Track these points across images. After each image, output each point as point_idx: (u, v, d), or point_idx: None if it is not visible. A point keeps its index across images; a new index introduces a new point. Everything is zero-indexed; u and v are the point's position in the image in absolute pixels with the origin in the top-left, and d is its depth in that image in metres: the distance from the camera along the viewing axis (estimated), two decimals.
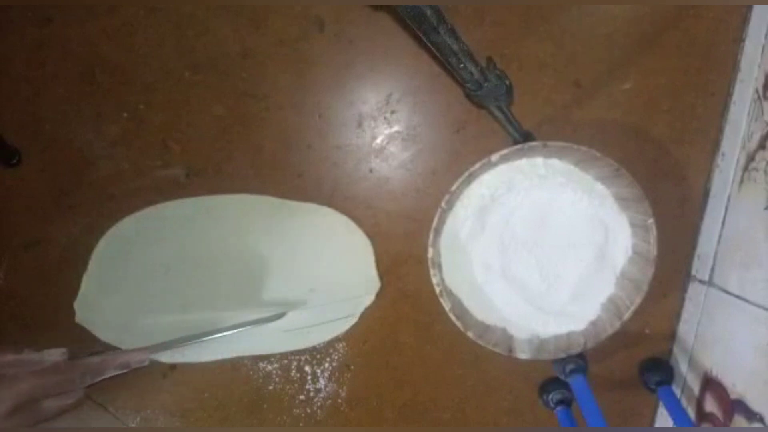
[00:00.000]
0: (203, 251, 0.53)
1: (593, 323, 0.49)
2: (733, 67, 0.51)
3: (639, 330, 0.55)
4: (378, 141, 0.53)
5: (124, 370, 0.48)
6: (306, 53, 0.52)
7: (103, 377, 0.47)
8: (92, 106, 0.52)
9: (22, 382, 0.43)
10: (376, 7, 0.51)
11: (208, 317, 0.53)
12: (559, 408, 0.52)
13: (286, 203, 0.53)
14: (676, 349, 0.55)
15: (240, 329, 0.52)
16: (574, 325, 0.49)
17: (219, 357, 0.54)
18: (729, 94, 0.51)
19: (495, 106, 0.46)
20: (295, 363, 0.55)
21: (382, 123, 0.53)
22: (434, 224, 0.46)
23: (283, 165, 0.53)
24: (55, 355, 0.46)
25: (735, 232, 0.49)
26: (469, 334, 0.47)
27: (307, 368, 0.55)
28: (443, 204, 0.46)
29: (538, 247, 0.50)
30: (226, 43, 0.52)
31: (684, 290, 0.54)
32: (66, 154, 0.53)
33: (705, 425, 0.49)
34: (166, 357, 0.54)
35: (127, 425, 0.55)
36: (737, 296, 0.47)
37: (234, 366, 0.55)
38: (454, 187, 0.46)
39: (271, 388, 0.55)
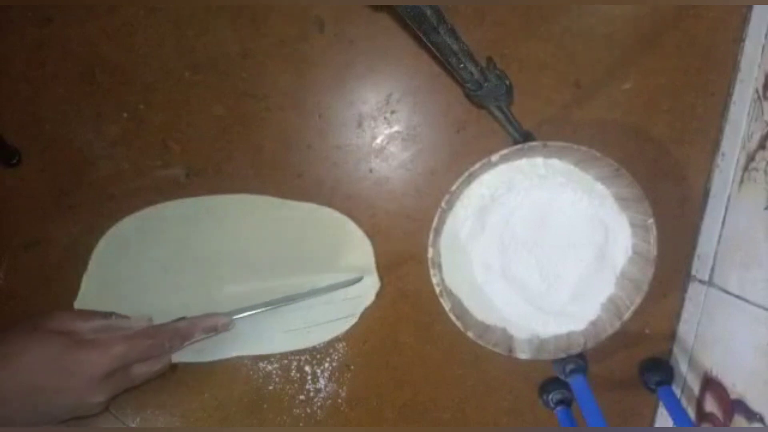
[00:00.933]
0: (203, 251, 0.53)
1: (593, 323, 0.49)
2: (733, 67, 0.51)
3: (639, 330, 0.55)
4: (378, 141, 0.53)
5: (211, 334, 0.49)
6: (306, 53, 0.52)
7: (192, 341, 0.48)
8: (92, 106, 0.52)
9: (115, 347, 0.43)
10: (376, 7, 0.51)
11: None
12: (559, 408, 0.52)
13: (286, 203, 0.53)
14: (676, 349, 0.55)
15: (321, 294, 0.52)
16: (574, 325, 0.49)
17: (219, 357, 0.54)
18: (729, 94, 0.51)
19: (495, 106, 0.46)
20: (295, 363, 0.55)
21: (382, 123, 0.53)
22: (434, 224, 0.46)
23: (283, 165, 0.53)
24: (142, 321, 0.47)
25: (735, 232, 0.49)
26: (469, 334, 0.47)
27: (307, 368, 0.55)
28: (443, 204, 0.46)
29: (538, 247, 0.50)
30: (226, 43, 0.52)
31: (684, 290, 0.54)
32: (66, 154, 0.53)
33: (705, 425, 0.49)
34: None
35: (127, 425, 0.55)
36: (737, 296, 0.47)
37: (234, 366, 0.55)
38: (454, 187, 0.46)
39: (271, 388, 0.55)
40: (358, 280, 0.53)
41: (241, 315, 0.51)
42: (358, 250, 0.54)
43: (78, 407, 0.44)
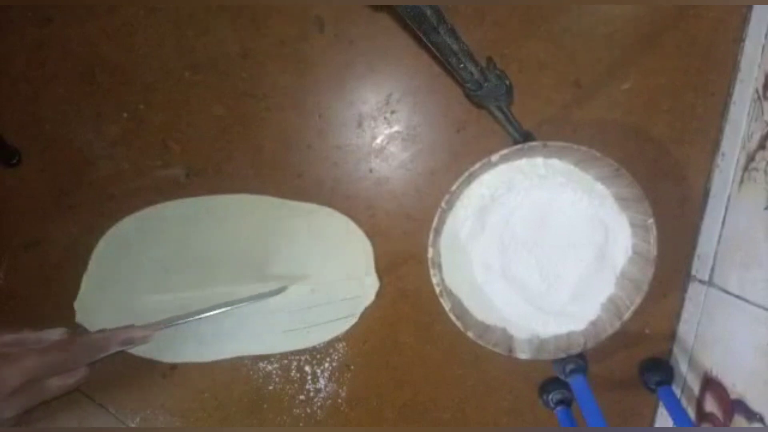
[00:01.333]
0: (203, 251, 0.53)
1: (593, 323, 0.49)
2: (733, 67, 0.51)
3: (639, 330, 0.55)
4: (378, 141, 0.53)
5: (128, 347, 0.48)
6: (306, 53, 0.52)
7: (107, 353, 0.47)
8: (92, 106, 0.52)
9: (26, 361, 0.42)
10: (376, 7, 0.51)
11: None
12: (559, 408, 0.52)
13: (286, 203, 0.53)
14: (676, 349, 0.55)
15: (240, 305, 0.51)
16: (574, 325, 0.49)
17: (219, 357, 0.54)
18: (729, 94, 0.51)
19: (495, 106, 0.46)
20: (295, 363, 0.55)
21: (382, 123, 0.53)
22: (434, 224, 0.46)
23: (283, 165, 0.53)
24: (55, 334, 0.45)
25: (735, 232, 0.49)
26: (469, 334, 0.47)
27: (307, 368, 0.55)
28: (443, 204, 0.46)
29: (538, 247, 0.50)
30: (226, 43, 0.52)
31: (684, 290, 0.54)
32: (66, 154, 0.53)
33: (705, 425, 0.49)
34: (166, 357, 0.54)
35: (127, 425, 0.55)
36: (737, 296, 0.47)
37: (234, 366, 0.55)
38: (454, 187, 0.46)
39: (271, 388, 0.55)
40: (282, 290, 0.52)
41: (159, 328, 0.50)
42: (358, 250, 0.53)
43: None
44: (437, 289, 0.47)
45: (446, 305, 0.47)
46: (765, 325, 0.43)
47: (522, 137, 0.48)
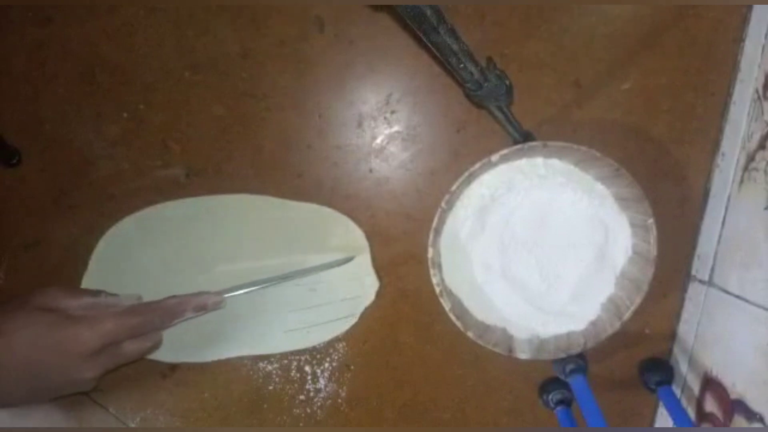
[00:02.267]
0: (203, 251, 0.53)
1: (593, 323, 0.49)
2: (733, 67, 0.51)
3: (639, 330, 0.55)
4: (378, 141, 0.53)
5: (201, 312, 0.49)
6: (306, 53, 0.52)
7: (182, 319, 0.48)
8: (92, 106, 0.52)
9: (104, 323, 0.43)
10: (376, 7, 0.51)
11: (207, 315, 0.53)
12: (559, 408, 0.52)
13: (286, 203, 0.53)
14: (676, 349, 0.55)
15: (313, 273, 0.52)
16: (574, 325, 0.49)
17: (219, 357, 0.54)
18: (729, 94, 0.51)
19: (495, 106, 0.46)
20: (295, 363, 0.55)
21: (382, 123, 0.53)
22: (434, 224, 0.46)
23: (283, 165, 0.53)
24: (131, 299, 0.47)
25: (735, 232, 0.49)
26: (469, 334, 0.47)
27: (307, 368, 0.55)
28: (443, 204, 0.46)
29: (538, 247, 0.50)
30: (226, 43, 0.52)
31: (684, 290, 0.54)
32: (66, 154, 0.53)
33: (705, 425, 0.49)
34: (166, 357, 0.54)
35: (127, 425, 0.55)
36: (737, 296, 0.47)
37: (234, 366, 0.55)
38: (454, 187, 0.46)
39: (271, 388, 0.55)
40: (349, 260, 0.53)
41: (232, 293, 0.51)
42: (358, 250, 0.53)
43: (69, 383, 0.44)
44: (437, 289, 0.47)
45: (446, 305, 0.47)
46: (765, 325, 0.43)
47: (522, 137, 0.48)
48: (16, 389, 0.43)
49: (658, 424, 0.56)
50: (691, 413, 0.51)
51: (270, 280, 0.52)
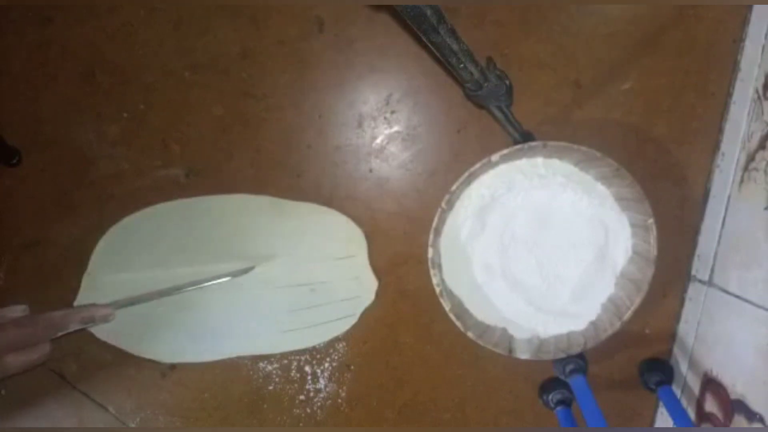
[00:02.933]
0: (203, 251, 0.53)
1: (593, 323, 0.49)
2: (733, 67, 0.51)
3: (639, 330, 0.55)
4: (378, 141, 0.53)
5: (88, 325, 0.48)
6: (306, 53, 0.52)
7: (67, 331, 0.47)
8: (92, 106, 0.52)
9: None
10: (376, 7, 0.51)
11: (207, 315, 0.53)
12: (559, 408, 0.52)
13: (286, 203, 0.53)
14: (676, 349, 0.55)
15: (206, 284, 0.52)
16: (574, 325, 0.49)
17: (219, 357, 0.54)
18: (729, 94, 0.51)
19: (495, 107, 0.46)
20: (295, 363, 0.55)
21: (382, 123, 0.53)
22: (434, 224, 0.46)
23: (283, 165, 0.53)
24: (16, 311, 0.45)
25: (735, 232, 0.49)
26: (469, 334, 0.47)
27: (307, 368, 0.55)
28: (443, 204, 0.46)
29: (538, 247, 0.50)
30: (226, 43, 0.52)
31: (684, 290, 0.54)
32: (66, 154, 0.53)
33: (705, 425, 0.49)
34: (166, 357, 0.54)
35: (127, 425, 0.55)
36: (737, 296, 0.47)
37: (234, 366, 0.55)
38: (454, 187, 0.46)
39: (271, 388, 0.55)
40: (248, 270, 0.52)
41: (120, 306, 0.49)
42: (357, 250, 0.53)
43: None
44: (437, 290, 0.47)
45: (446, 305, 0.47)
46: (765, 325, 0.43)
47: (522, 137, 0.48)
48: None
49: (658, 424, 0.56)
50: (691, 413, 0.51)
51: (162, 293, 0.51)
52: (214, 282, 0.52)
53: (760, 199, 0.45)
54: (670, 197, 0.53)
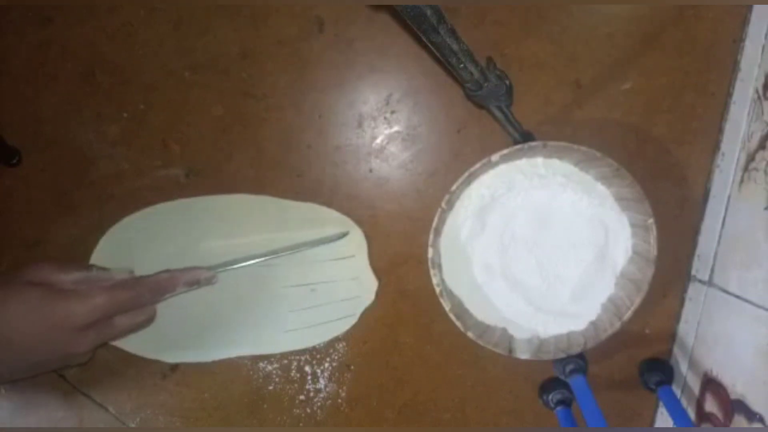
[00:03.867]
0: (203, 251, 0.53)
1: (593, 323, 0.49)
2: (733, 67, 0.51)
3: (639, 330, 0.55)
4: (378, 141, 0.53)
5: (194, 287, 0.49)
6: (306, 53, 0.52)
7: (174, 293, 0.48)
8: (92, 106, 0.52)
9: (95, 298, 0.43)
10: (376, 7, 0.51)
11: (207, 315, 0.53)
12: (559, 408, 0.52)
13: (286, 203, 0.53)
14: (676, 349, 0.55)
15: (307, 249, 0.52)
16: (574, 325, 0.49)
17: (219, 357, 0.54)
18: (729, 94, 0.51)
19: (495, 106, 0.46)
20: (295, 363, 0.55)
21: (382, 123, 0.53)
22: (434, 224, 0.46)
23: (283, 165, 0.53)
24: (123, 273, 0.47)
25: (735, 232, 0.49)
26: (469, 334, 0.47)
27: (307, 368, 0.55)
28: (443, 204, 0.46)
29: (538, 247, 0.50)
30: (226, 43, 0.52)
31: (684, 290, 0.54)
32: (66, 154, 0.53)
33: (705, 425, 0.49)
34: (166, 357, 0.54)
35: (127, 425, 0.55)
36: (737, 296, 0.47)
37: (234, 366, 0.55)
38: (454, 187, 0.46)
39: (271, 388, 0.55)
40: (344, 235, 0.52)
41: (224, 268, 0.50)
42: (357, 250, 0.53)
43: (62, 357, 0.44)
44: (437, 290, 0.47)
45: (446, 305, 0.47)
46: (765, 325, 0.43)
47: (522, 137, 0.48)
48: (9, 362, 0.43)
49: (658, 424, 0.56)
50: (691, 413, 0.51)
51: (261, 254, 0.52)
52: (313, 248, 0.52)
53: (760, 199, 0.45)
54: (670, 197, 0.53)
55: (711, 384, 0.49)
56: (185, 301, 0.52)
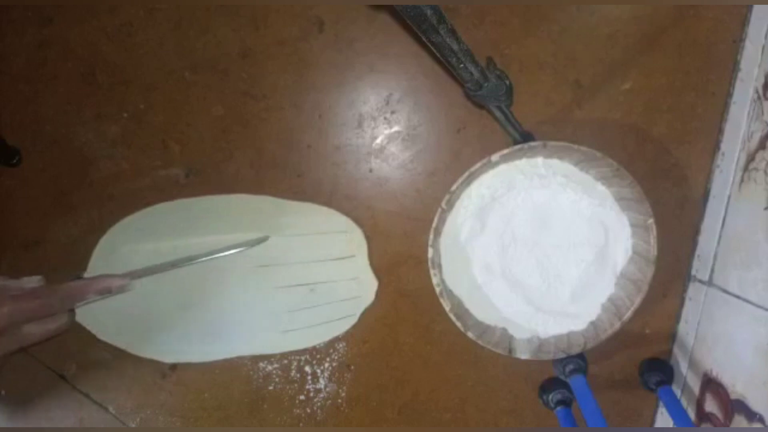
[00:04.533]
0: (203, 251, 0.53)
1: (593, 323, 0.49)
2: (733, 67, 0.51)
3: (639, 330, 0.55)
4: (378, 141, 0.53)
5: (106, 295, 0.48)
6: (306, 53, 0.52)
7: (85, 302, 0.47)
8: (92, 106, 0.52)
9: (2, 307, 0.42)
10: (376, 7, 0.51)
11: (207, 315, 0.53)
12: (559, 408, 0.52)
13: (286, 203, 0.53)
14: (676, 349, 0.55)
15: (222, 254, 0.52)
16: (574, 325, 0.49)
17: (219, 357, 0.54)
18: (729, 94, 0.51)
19: (495, 107, 0.46)
20: (295, 363, 0.55)
21: (382, 123, 0.53)
22: (434, 224, 0.46)
23: (283, 165, 0.53)
24: (33, 281, 0.45)
25: (735, 233, 0.49)
26: (469, 334, 0.47)
27: (307, 368, 0.55)
28: (443, 204, 0.46)
29: (538, 247, 0.50)
30: (226, 43, 0.52)
31: (684, 290, 0.54)
32: (66, 154, 0.53)
33: (705, 425, 0.49)
34: (166, 357, 0.54)
35: (127, 425, 0.55)
36: (737, 296, 0.47)
37: (234, 366, 0.55)
38: (454, 187, 0.46)
39: (271, 388, 0.55)
40: (263, 240, 0.52)
41: (137, 276, 0.49)
42: (357, 250, 0.53)
43: None
44: (437, 290, 0.47)
45: (446, 305, 0.47)
46: (765, 325, 0.43)
47: (522, 137, 0.48)
48: None
49: (658, 424, 0.56)
50: (691, 413, 0.51)
51: (180, 261, 0.51)
52: (228, 253, 0.52)
53: (760, 199, 0.45)
54: (670, 197, 0.53)
55: (711, 384, 0.49)
56: (185, 302, 0.52)
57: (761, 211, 0.45)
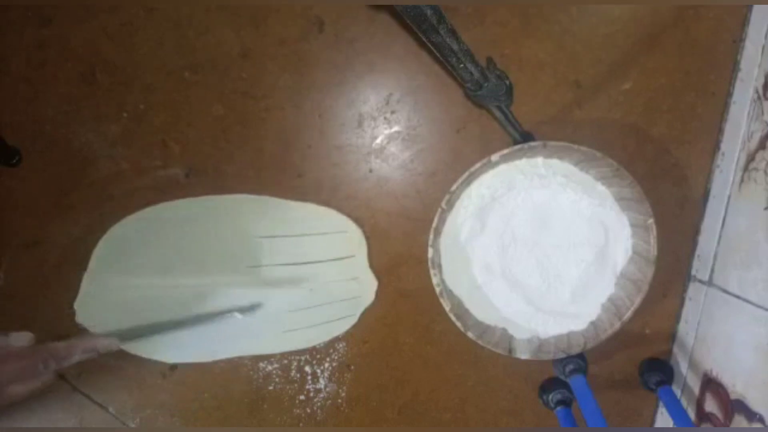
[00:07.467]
0: (203, 251, 0.53)
1: (593, 323, 0.49)
2: (733, 67, 0.51)
3: (639, 330, 0.55)
4: (378, 141, 0.53)
5: (92, 355, 0.47)
6: (306, 53, 0.52)
7: (70, 362, 0.46)
8: (92, 106, 0.52)
9: None
10: (376, 7, 0.51)
11: (207, 315, 0.53)
12: (559, 408, 0.52)
13: (286, 203, 0.53)
14: (676, 349, 0.55)
15: (207, 322, 0.52)
16: (574, 325, 0.49)
17: (219, 357, 0.54)
18: (729, 94, 0.51)
19: (495, 106, 0.46)
20: (295, 363, 0.55)
21: (382, 123, 0.53)
22: (434, 224, 0.46)
23: (283, 165, 0.53)
24: (20, 339, 0.45)
25: (735, 232, 0.49)
26: (469, 334, 0.47)
27: (307, 368, 0.55)
28: (443, 204, 0.46)
29: (538, 247, 0.50)
30: (226, 43, 0.52)
31: (684, 290, 0.54)
32: (66, 154, 0.53)
33: (705, 425, 0.49)
34: (166, 357, 0.54)
35: (127, 425, 0.55)
36: (737, 296, 0.47)
37: (234, 366, 0.55)
38: (454, 187, 0.46)
39: (271, 388, 0.55)
40: (254, 308, 0.53)
41: (125, 340, 0.49)
42: (357, 251, 0.53)
43: None
44: (437, 290, 0.47)
45: (446, 305, 0.47)
46: (765, 325, 0.43)
47: (522, 137, 0.48)
48: None
49: (658, 424, 0.56)
50: (691, 413, 0.51)
51: (165, 327, 0.51)
52: (217, 318, 0.52)
53: (760, 199, 0.45)
54: (670, 197, 0.53)
55: (711, 384, 0.49)
56: (185, 302, 0.52)
57: (761, 211, 0.45)
